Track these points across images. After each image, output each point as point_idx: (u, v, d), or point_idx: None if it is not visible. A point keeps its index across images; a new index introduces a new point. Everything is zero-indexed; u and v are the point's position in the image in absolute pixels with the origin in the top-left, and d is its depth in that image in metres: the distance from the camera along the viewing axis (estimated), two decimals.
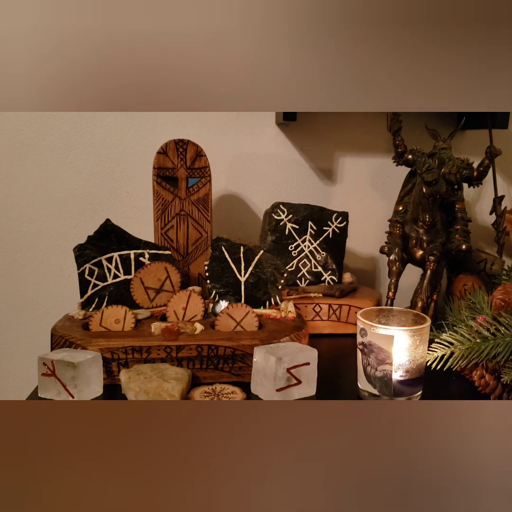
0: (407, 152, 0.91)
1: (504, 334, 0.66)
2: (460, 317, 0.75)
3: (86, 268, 0.79)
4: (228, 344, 0.70)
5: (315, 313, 0.91)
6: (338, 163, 1.12)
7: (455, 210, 0.94)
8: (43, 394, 0.64)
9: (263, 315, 0.79)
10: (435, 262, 0.88)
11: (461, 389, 0.72)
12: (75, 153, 1.05)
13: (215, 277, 0.80)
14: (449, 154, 0.88)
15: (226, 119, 1.07)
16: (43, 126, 1.03)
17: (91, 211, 1.07)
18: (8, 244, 1.06)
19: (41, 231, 1.07)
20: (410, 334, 0.63)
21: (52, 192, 1.05)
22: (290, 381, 0.64)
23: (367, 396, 0.67)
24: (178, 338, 0.70)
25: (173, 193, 0.90)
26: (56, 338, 0.70)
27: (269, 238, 0.97)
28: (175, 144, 0.89)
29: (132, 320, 0.73)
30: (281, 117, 1.00)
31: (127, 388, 0.64)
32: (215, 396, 0.65)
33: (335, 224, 0.98)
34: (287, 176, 1.11)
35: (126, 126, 1.05)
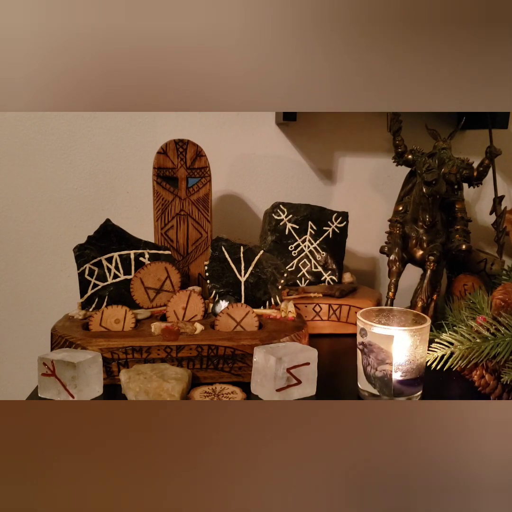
0: (407, 152, 0.91)
1: (504, 334, 0.66)
2: (460, 317, 0.75)
3: (86, 268, 0.79)
4: (228, 344, 0.70)
5: (315, 313, 0.91)
6: (338, 163, 1.12)
7: (455, 210, 0.94)
8: (43, 394, 0.64)
9: (263, 315, 0.79)
10: (435, 262, 0.88)
11: (461, 389, 0.72)
12: (75, 153, 1.04)
13: (215, 277, 0.80)
14: (449, 154, 0.88)
15: (226, 119, 1.07)
16: (43, 126, 1.03)
17: (91, 211, 1.07)
18: (8, 244, 1.06)
19: (41, 231, 1.06)
20: (410, 334, 0.63)
21: (52, 192, 1.05)
22: (290, 381, 0.64)
23: (367, 396, 0.67)
24: (178, 338, 0.70)
25: (173, 193, 0.90)
26: (56, 338, 0.70)
27: (269, 238, 0.97)
28: (175, 144, 0.89)
29: (132, 320, 0.73)
30: (281, 117, 1.00)
31: (127, 388, 0.64)
32: (215, 396, 0.65)
33: (335, 224, 0.98)
34: (287, 176, 1.11)
35: (126, 126, 1.05)
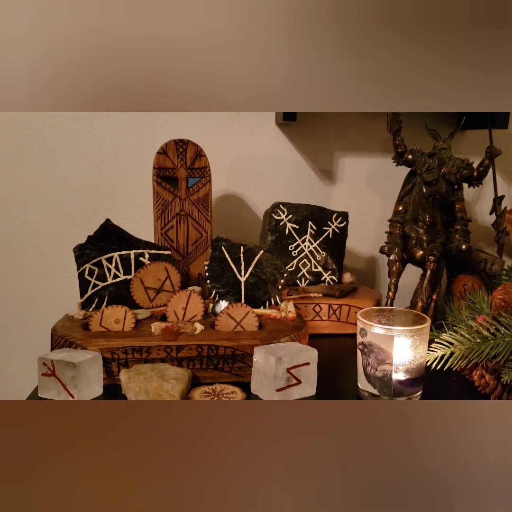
0: (407, 152, 0.91)
1: (504, 334, 0.66)
2: (460, 317, 0.75)
3: (86, 268, 0.79)
4: (228, 344, 0.70)
5: (315, 313, 0.91)
6: (338, 163, 1.12)
7: (455, 210, 0.94)
8: (43, 394, 0.64)
9: (263, 315, 0.79)
10: (435, 262, 0.88)
11: (461, 389, 0.72)
12: (75, 153, 1.04)
13: (215, 277, 0.80)
14: (449, 154, 0.88)
15: (226, 119, 1.07)
16: (43, 126, 1.03)
17: (91, 211, 1.07)
18: (8, 244, 1.06)
19: (41, 231, 1.06)
20: (410, 334, 0.63)
21: (52, 192, 1.05)
22: (290, 381, 0.64)
23: (367, 396, 0.67)
24: (178, 338, 0.70)
25: (173, 193, 0.90)
26: (56, 338, 0.70)
27: (269, 238, 0.97)
28: (175, 144, 0.89)
29: (132, 320, 0.73)
30: (281, 117, 1.00)
31: (127, 388, 0.64)
32: (215, 396, 0.65)
33: (335, 224, 0.98)
34: (287, 176, 1.11)
35: (126, 126, 1.05)
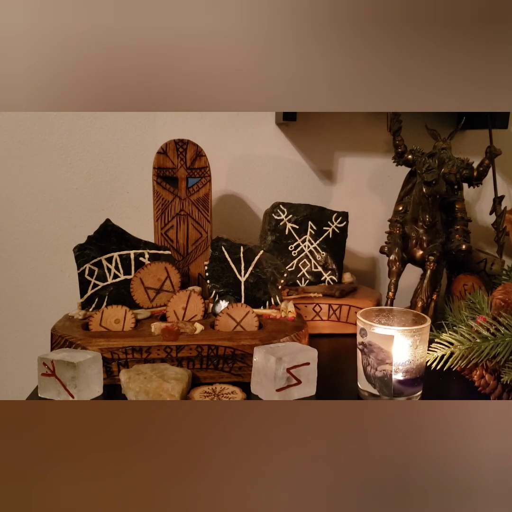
0: (407, 152, 0.91)
1: (504, 334, 0.66)
2: (460, 317, 0.75)
3: (86, 268, 0.79)
4: (228, 344, 0.70)
5: (315, 313, 0.91)
6: (338, 163, 1.12)
7: (455, 210, 0.94)
8: (43, 394, 0.64)
9: (263, 315, 0.79)
10: (435, 262, 0.88)
11: (461, 389, 0.72)
12: (75, 153, 1.04)
13: (215, 277, 0.80)
14: (449, 154, 0.88)
15: (226, 119, 1.07)
16: (43, 126, 1.03)
17: (91, 211, 1.07)
18: (8, 244, 1.06)
19: (41, 231, 1.06)
20: (410, 334, 0.63)
21: (52, 192, 1.05)
22: (290, 381, 0.64)
23: (367, 396, 0.67)
24: (178, 338, 0.70)
25: (173, 193, 0.90)
26: (56, 338, 0.70)
27: (269, 238, 0.97)
28: (175, 144, 0.89)
29: (132, 320, 0.73)
30: (281, 117, 1.00)
31: (127, 388, 0.64)
32: (215, 396, 0.65)
33: (335, 224, 0.98)
34: (287, 176, 1.11)
35: (126, 126, 1.05)
